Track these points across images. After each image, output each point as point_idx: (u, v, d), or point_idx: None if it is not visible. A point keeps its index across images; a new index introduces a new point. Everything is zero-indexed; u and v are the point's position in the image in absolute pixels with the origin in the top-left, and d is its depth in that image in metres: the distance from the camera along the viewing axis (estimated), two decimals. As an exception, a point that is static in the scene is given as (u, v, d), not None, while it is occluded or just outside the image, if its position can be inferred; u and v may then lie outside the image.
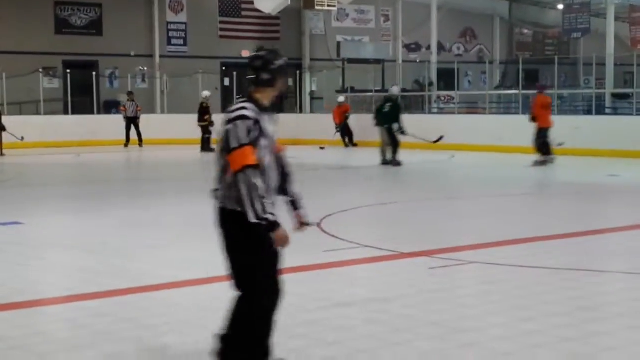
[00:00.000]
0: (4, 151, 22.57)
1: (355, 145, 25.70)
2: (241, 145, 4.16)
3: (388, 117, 18.64)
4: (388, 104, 18.91)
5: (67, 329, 5.69)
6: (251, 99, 4.36)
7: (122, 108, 27.07)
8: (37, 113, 27.50)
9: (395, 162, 18.39)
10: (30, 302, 6.44)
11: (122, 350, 5.10)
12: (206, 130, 23.91)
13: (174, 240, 9.24)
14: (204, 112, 23.93)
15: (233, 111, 4.28)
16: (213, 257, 8.12)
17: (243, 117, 4.22)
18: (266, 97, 4.39)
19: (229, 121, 4.24)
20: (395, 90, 20.22)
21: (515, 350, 5.02)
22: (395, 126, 18.40)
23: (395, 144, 18.53)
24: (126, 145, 26.61)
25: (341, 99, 26.63)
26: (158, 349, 5.22)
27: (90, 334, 5.44)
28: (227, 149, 4.22)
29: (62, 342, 5.36)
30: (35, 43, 28.39)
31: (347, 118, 25.90)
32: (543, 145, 17.78)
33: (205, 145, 23.79)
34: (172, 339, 5.44)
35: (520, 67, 26.41)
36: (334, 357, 4.94)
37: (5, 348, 5.13)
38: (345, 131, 25.97)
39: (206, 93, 24.70)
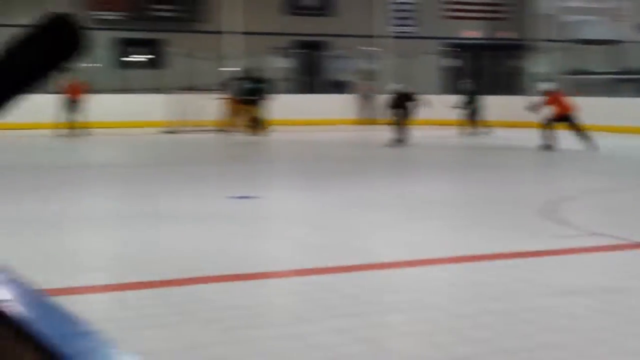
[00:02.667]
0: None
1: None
2: None
3: None
4: None
5: (296, 302, 5.80)
6: None
7: (359, 86, 27.88)
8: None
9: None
10: (262, 273, 6.63)
11: (346, 325, 5.14)
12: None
13: (397, 221, 9.22)
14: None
15: None
16: (434, 239, 8.11)
17: None
18: None
19: None
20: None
21: None
22: None
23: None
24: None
25: (547, 86, 19.77)
26: (381, 325, 5.22)
27: (317, 308, 5.51)
28: None
29: (293, 314, 5.47)
30: (269, 24, 29.30)
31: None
32: None
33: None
34: (396, 317, 5.43)
35: None
36: (565, 345, 4.73)
37: (239, 316, 5.30)
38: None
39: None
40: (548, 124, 18.32)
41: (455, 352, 4.63)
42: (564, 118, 18.29)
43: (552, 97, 18.69)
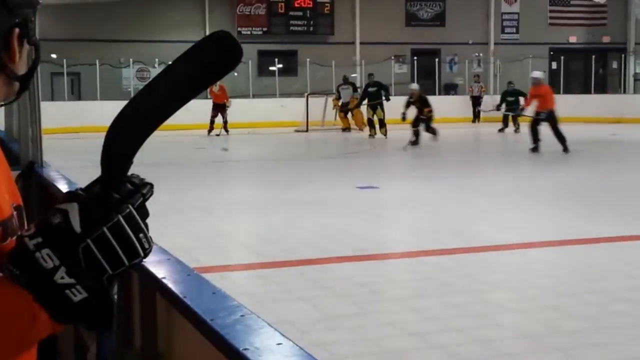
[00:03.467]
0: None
1: None
2: None
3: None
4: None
5: (414, 280, 5.76)
6: None
7: (470, 88, 27.52)
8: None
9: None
10: (384, 254, 6.63)
11: (458, 301, 5.07)
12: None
13: (504, 207, 9.02)
14: None
15: None
16: (532, 223, 7.85)
17: None
18: None
19: None
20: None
21: None
22: None
23: None
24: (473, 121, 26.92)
25: None
26: (490, 302, 5.13)
27: (433, 285, 5.46)
28: None
29: (411, 290, 5.43)
30: (389, 34, 29.22)
31: None
32: None
33: None
34: (504, 295, 5.32)
35: None
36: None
37: (366, 292, 5.30)
38: None
39: None
40: None
41: (559, 327, 4.49)
42: None
43: None
